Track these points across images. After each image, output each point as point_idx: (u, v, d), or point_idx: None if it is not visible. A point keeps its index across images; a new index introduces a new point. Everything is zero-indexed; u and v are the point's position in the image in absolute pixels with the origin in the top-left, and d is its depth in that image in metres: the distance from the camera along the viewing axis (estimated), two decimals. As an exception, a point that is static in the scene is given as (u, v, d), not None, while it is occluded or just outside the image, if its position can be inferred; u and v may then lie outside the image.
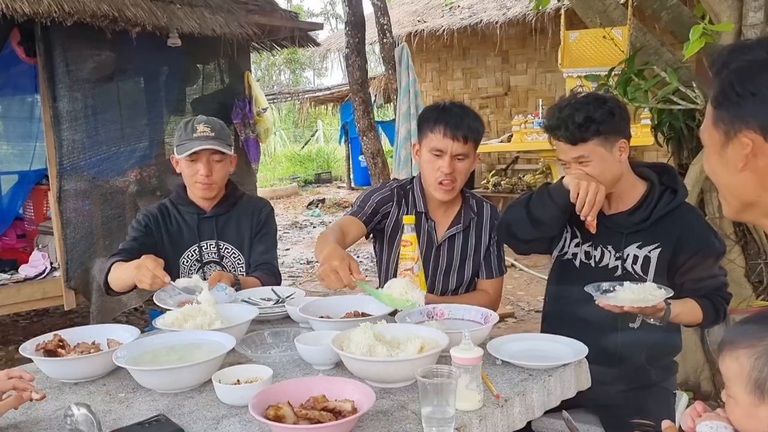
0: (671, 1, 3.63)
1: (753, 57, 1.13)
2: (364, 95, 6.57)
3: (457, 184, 2.39)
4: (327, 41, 11.60)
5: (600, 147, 2.06)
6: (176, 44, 4.90)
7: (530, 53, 8.87)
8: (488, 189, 8.86)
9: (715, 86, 1.19)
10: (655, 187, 2.14)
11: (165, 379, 1.65)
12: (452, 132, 2.32)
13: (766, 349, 1.16)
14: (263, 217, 2.75)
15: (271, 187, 15.16)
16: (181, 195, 2.69)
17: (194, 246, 2.64)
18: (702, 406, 1.34)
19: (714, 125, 1.20)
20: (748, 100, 1.12)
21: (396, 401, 1.56)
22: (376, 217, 2.47)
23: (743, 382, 1.18)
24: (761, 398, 1.16)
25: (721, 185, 1.25)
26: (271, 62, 25.92)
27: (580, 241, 2.23)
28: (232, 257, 2.67)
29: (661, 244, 2.09)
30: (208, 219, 2.66)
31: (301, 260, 7.96)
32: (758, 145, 1.13)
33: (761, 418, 1.17)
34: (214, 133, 2.56)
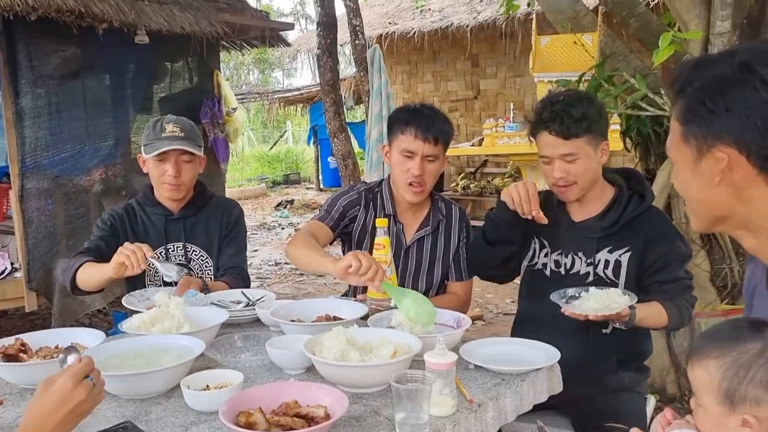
0: (640, 8, 3.68)
1: (721, 72, 1.14)
2: (335, 96, 6.54)
3: (427, 186, 2.39)
4: (297, 41, 11.54)
5: (587, 145, 2.08)
6: (144, 41, 4.81)
7: (500, 57, 8.93)
8: (457, 192, 8.89)
9: (683, 103, 1.20)
10: (623, 192, 2.17)
11: (131, 385, 1.60)
12: (423, 134, 2.32)
13: (735, 360, 1.17)
14: (233, 219, 2.70)
15: (240, 187, 15.03)
16: (148, 195, 2.63)
17: (160, 248, 2.58)
18: (671, 413, 1.35)
19: (684, 141, 1.20)
20: (722, 115, 1.13)
21: (369, 407, 1.55)
22: (344, 221, 2.45)
23: (713, 393, 1.19)
24: (731, 408, 1.17)
25: (694, 200, 1.25)
26: (240, 62, 25.72)
27: (549, 251, 2.24)
28: (199, 260, 2.62)
29: (631, 248, 2.11)
30: (175, 221, 2.61)
31: (270, 261, 7.89)
32: (734, 159, 1.14)
33: (731, 427, 1.18)
34: (183, 133, 2.51)
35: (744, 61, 1.13)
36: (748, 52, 1.15)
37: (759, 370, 1.14)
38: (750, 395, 1.15)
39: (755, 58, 1.12)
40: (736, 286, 3.39)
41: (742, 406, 1.16)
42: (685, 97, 1.20)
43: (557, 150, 2.08)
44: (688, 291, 2.12)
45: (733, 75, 1.12)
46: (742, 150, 1.13)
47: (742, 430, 1.16)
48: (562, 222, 2.22)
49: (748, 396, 1.15)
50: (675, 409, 1.36)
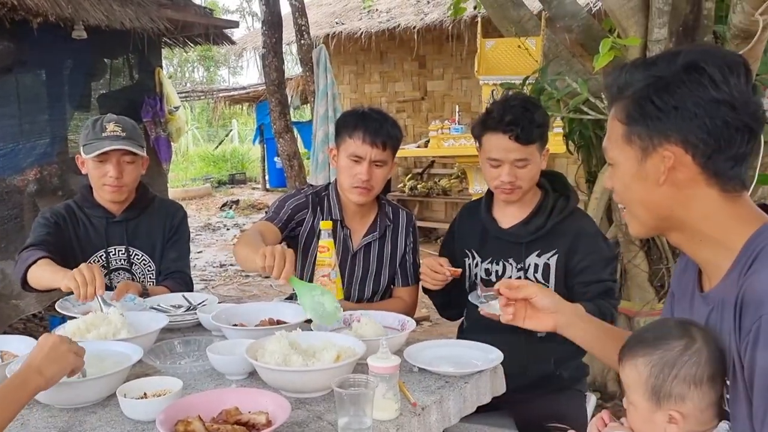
0: (582, 14, 3.76)
1: (667, 72, 1.15)
2: (280, 96, 6.47)
3: (374, 190, 2.37)
4: (243, 39, 11.38)
5: (537, 151, 2.11)
6: (81, 36, 4.66)
7: (447, 59, 9.00)
8: (404, 193, 8.92)
9: (626, 104, 1.20)
10: (549, 195, 2.20)
11: (64, 395, 1.54)
12: (371, 138, 2.29)
13: (661, 357, 1.20)
14: (176, 222, 2.63)
15: (183, 187, 14.72)
16: (87, 197, 2.53)
17: (101, 252, 2.50)
18: (608, 416, 1.38)
19: (627, 142, 1.21)
20: (670, 114, 1.14)
21: (312, 412, 1.53)
22: (291, 223, 2.41)
23: (641, 389, 1.23)
24: (657, 404, 1.21)
25: (636, 201, 1.25)
26: (184, 59, 25.25)
27: (479, 260, 2.26)
28: (142, 264, 2.55)
29: (558, 250, 2.15)
30: (117, 223, 2.53)
31: (214, 263, 7.76)
32: (679, 158, 1.15)
33: (657, 423, 1.22)
34: (125, 133, 2.42)
35: (691, 60, 1.14)
36: (692, 52, 1.16)
37: (683, 367, 1.18)
38: (675, 392, 1.19)
39: (702, 57, 1.14)
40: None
41: (667, 403, 1.19)
42: (626, 98, 1.20)
43: (511, 154, 2.08)
44: (610, 293, 2.13)
45: (680, 74, 1.14)
46: (688, 149, 1.14)
47: (668, 426, 1.20)
48: (490, 230, 2.24)
49: (673, 392, 1.19)
50: (612, 412, 1.39)
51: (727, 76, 1.11)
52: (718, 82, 1.11)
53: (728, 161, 1.14)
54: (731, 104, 1.11)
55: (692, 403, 1.19)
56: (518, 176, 2.11)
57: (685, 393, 1.19)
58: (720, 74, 1.11)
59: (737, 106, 1.12)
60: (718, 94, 1.11)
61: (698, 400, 1.19)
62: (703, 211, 1.18)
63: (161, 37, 5.45)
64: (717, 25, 2.99)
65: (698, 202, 1.18)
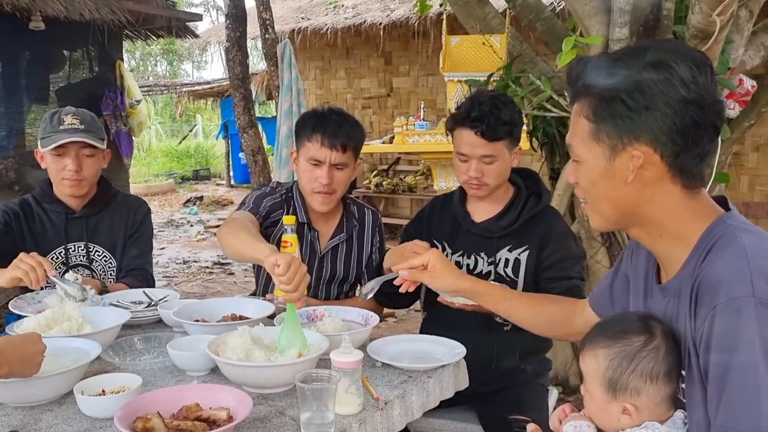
0: (545, 13, 3.80)
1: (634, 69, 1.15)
2: (245, 91, 6.41)
3: (336, 194, 2.31)
4: (207, 33, 11.24)
5: (506, 149, 2.12)
6: (39, 28, 4.56)
7: (413, 56, 9.01)
8: (370, 189, 8.92)
9: (592, 101, 1.20)
10: (521, 192, 2.22)
11: (18, 392, 1.50)
12: (330, 141, 2.23)
13: (620, 351, 1.23)
14: (139, 218, 2.59)
15: (146, 183, 14.49)
16: (46, 192, 2.47)
17: (60, 248, 2.44)
18: (570, 408, 1.40)
19: (594, 140, 1.21)
20: (641, 114, 1.15)
21: (274, 407, 1.52)
22: (267, 221, 2.35)
23: (599, 380, 1.25)
24: (613, 396, 1.24)
25: (600, 198, 1.26)
26: (146, 52, 24.83)
27: (449, 252, 2.26)
28: (102, 261, 2.50)
29: (529, 246, 2.17)
30: (77, 219, 2.47)
31: (177, 260, 7.65)
32: (648, 157, 1.17)
33: (612, 413, 1.25)
34: (83, 126, 2.37)
35: (659, 59, 1.14)
36: (660, 50, 1.17)
37: (641, 362, 1.21)
38: (631, 385, 1.22)
39: (671, 56, 1.14)
40: (632, 281, 3.55)
41: (623, 395, 1.23)
42: (593, 95, 1.20)
43: (478, 150, 2.09)
44: (576, 290, 2.13)
45: (649, 72, 1.14)
46: (657, 148, 1.16)
47: (622, 416, 1.24)
48: (463, 223, 2.25)
49: (629, 386, 1.22)
50: (573, 404, 1.41)
51: (696, 76, 1.13)
52: (688, 81, 1.12)
53: (694, 159, 1.17)
54: (699, 104, 1.13)
55: (647, 397, 1.22)
56: (485, 172, 2.12)
57: (640, 387, 1.22)
58: (689, 73, 1.13)
59: (705, 105, 1.13)
60: (688, 94, 1.12)
61: (653, 394, 1.22)
62: (666, 207, 1.20)
63: (122, 29, 5.36)
64: (677, 25, 3.04)
65: (662, 199, 1.20)
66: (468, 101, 2.14)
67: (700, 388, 1.15)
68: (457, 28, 4.61)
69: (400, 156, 9.08)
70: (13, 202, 2.48)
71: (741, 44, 3.16)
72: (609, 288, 1.51)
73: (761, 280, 1.07)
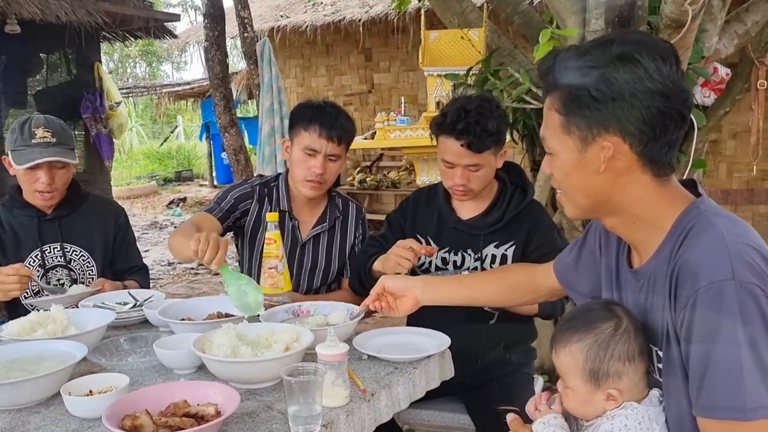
0: (523, 6, 3.83)
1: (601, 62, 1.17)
2: (225, 90, 6.38)
3: (327, 184, 2.38)
4: (185, 33, 11.18)
5: (492, 156, 2.12)
6: (15, 31, 4.53)
7: (393, 52, 9.03)
8: (354, 186, 8.93)
9: (561, 94, 1.23)
10: (506, 187, 2.24)
11: (5, 395, 1.50)
12: (327, 132, 2.29)
13: (594, 340, 1.27)
14: (122, 221, 2.64)
15: (128, 185, 14.39)
16: (16, 197, 2.46)
17: (36, 251, 2.43)
18: (546, 396, 1.43)
19: (565, 132, 1.24)
20: (608, 105, 1.17)
21: (262, 402, 1.53)
22: (234, 214, 2.39)
23: (579, 374, 1.29)
24: (596, 385, 1.28)
25: (574, 188, 1.29)
26: (125, 54, 24.63)
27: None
28: (81, 260, 2.49)
29: (515, 242, 2.19)
30: (49, 221, 2.46)
31: (162, 262, 7.62)
32: (618, 147, 1.19)
33: (596, 402, 1.29)
34: (55, 138, 2.34)
35: (625, 51, 1.17)
36: (625, 42, 1.19)
37: (616, 346, 1.25)
38: (612, 370, 1.26)
39: (636, 48, 1.17)
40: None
41: (606, 382, 1.27)
42: (562, 89, 1.23)
43: (463, 160, 2.09)
44: None
45: (615, 64, 1.16)
46: (626, 138, 1.18)
47: (607, 402, 1.27)
48: (449, 220, 2.26)
49: (610, 371, 1.26)
50: (551, 393, 1.44)
51: (660, 67, 1.15)
52: (652, 72, 1.15)
53: (663, 147, 1.19)
54: (665, 94, 1.16)
55: (627, 379, 1.26)
56: (470, 179, 2.13)
57: (621, 370, 1.25)
58: (654, 65, 1.15)
59: (670, 95, 1.16)
60: (653, 84, 1.15)
61: (633, 373, 1.26)
62: (638, 196, 1.23)
63: (99, 31, 5.32)
64: (651, 15, 3.08)
65: (633, 187, 1.23)
66: (454, 109, 2.09)
67: (680, 370, 1.18)
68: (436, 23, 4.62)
69: (383, 152, 9.10)
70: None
71: (714, 33, 3.20)
72: (574, 264, 1.57)
73: (740, 263, 1.10)
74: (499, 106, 2.18)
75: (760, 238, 1.17)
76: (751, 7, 3.31)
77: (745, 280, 1.09)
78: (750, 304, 1.08)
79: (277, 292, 2.04)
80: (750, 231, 1.17)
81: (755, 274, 1.10)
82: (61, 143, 2.36)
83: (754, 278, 1.09)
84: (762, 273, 1.10)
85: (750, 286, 1.09)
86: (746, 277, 1.09)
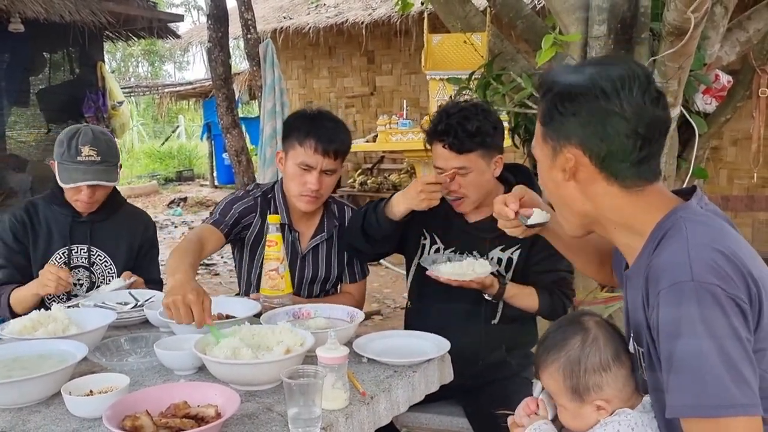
0: (526, 11, 3.83)
1: (573, 81, 1.27)
2: (227, 91, 6.39)
3: (323, 198, 2.34)
4: (188, 34, 11.19)
5: (480, 159, 2.11)
6: (19, 30, 4.54)
7: (395, 54, 9.04)
8: (354, 188, 8.93)
9: (543, 106, 1.33)
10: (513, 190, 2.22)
11: (6, 394, 1.51)
12: (324, 148, 2.21)
13: (567, 358, 1.31)
14: (150, 234, 2.68)
15: (129, 185, 14.38)
16: (57, 195, 2.48)
17: (64, 249, 2.46)
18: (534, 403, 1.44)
19: (543, 141, 1.33)
20: (570, 119, 1.26)
21: (262, 404, 1.54)
22: (237, 228, 2.35)
23: (563, 393, 1.33)
24: (581, 400, 1.31)
25: (555, 197, 1.37)
26: (127, 53, 24.65)
27: (441, 247, 2.26)
28: (103, 265, 2.51)
29: (521, 245, 2.19)
30: (82, 223, 2.49)
31: (162, 261, 7.60)
32: (579, 159, 1.27)
33: (585, 415, 1.32)
34: (100, 157, 2.35)
35: (590, 72, 1.26)
36: (594, 65, 1.30)
37: (587, 359, 1.29)
38: (591, 383, 1.29)
39: (598, 71, 1.25)
40: (614, 275, 3.60)
41: (588, 395, 1.30)
42: (545, 101, 1.32)
43: (450, 163, 2.10)
44: (563, 282, 2.20)
45: (580, 86, 1.25)
46: (585, 151, 1.26)
47: (597, 413, 1.30)
48: (456, 222, 2.25)
49: (589, 384, 1.29)
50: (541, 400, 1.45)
51: (618, 90, 1.22)
52: (609, 94, 1.22)
53: (622, 164, 1.24)
54: (621, 115, 1.22)
55: (609, 387, 1.29)
56: (462, 184, 2.12)
57: (599, 380, 1.29)
58: (611, 87, 1.22)
59: (627, 117, 1.22)
60: (608, 105, 1.22)
61: (613, 381, 1.29)
62: (608, 205, 1.29)
63: (103, 30, 5.34)
64: (653, 22, 3.09)
65: (603, 198, 1.28)
66: (437, 114, 2.14)
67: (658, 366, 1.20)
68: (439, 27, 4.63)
69: (384, 155, 9.10)
70: (20, 208, 2.51)
71: (717, 40, 3.21)
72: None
73: (699, 264, 1.13)
74: (488, 110, 2.17)
75: (737, 243, 1.19)
76: (754, 14, 3.31)
77: (704, 281, 1.11)
78: (709, 303, 1.10)
79: (278, 294, 2.05)
80: (723, 236, 1.19)
81: (717, 275, 1.12)
82: (105, 161, 2.38)
83: (715, 279, 1.11)
84: (725, 275, 1.12)
85: (710, 287, 1.11)
86: (706, 278, 1.11)
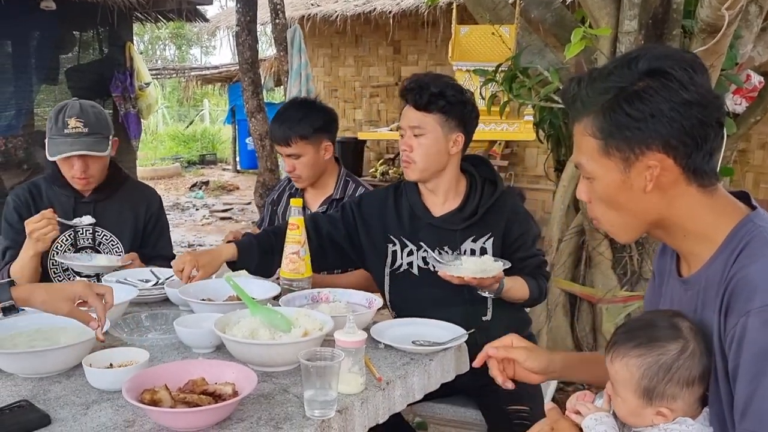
0: (555, 4, 3.80)
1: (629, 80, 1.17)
2: (254, 75, 6.40)
3: (303, 178, 2.59)
4: (216, 17, 11.22)
5: (439, 126, 2.10)
6: (50, 8, 4.58)
7: (422, 45, 8.99)
8: (376, 178, 8.92)
9: (595, 118, 1.21)
10: (476, 181, 2.19)
11: (28, 363, 1.54)
12: (277, 140, 2.57)
13: (656, 360, 1.22)
14: (155, 209, 2.65)
15: (152, 166, 14.51)
16: (57, 175, 2.47)
17: (69, 230, 2.46)
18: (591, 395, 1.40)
19: (604, 156, 1.22)
20: (648, 122, 1.16)
21: (278, 384, 1.55)
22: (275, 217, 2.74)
23: (632, 388, 1.24)
24: (648, 402, 1.24)
25: (625, 212, 1.26)
26: (155, 35, 24.81)
27: (413, 249, 2.20)
28: (110, 244, 2.52)
29: (493, 233, 2.16)
30: (85, 203, 2.49)
31: (183, 243, 7.70)
32: (662, 163, 1.18)
33: (646, 416, 1.25)
34: (87, 128, 2.33)
35: (654, 66, 1.16)
36: (652, 57, 1.18)
37: (678, 370, 1.21)
38: (668, 392, 1.22)
39: (665, 62, 1.16)
40: (635, 273, 3.57)
41: (659, 402, 1.23)
42: (594, 113, 1.21)
43: (409, 121, 2.12)
44: (543, 265, 2.24)
45: (646, 80, 1.16)
46: (669, 153, 1.17)
47: (656, 418, 1.24)
48: (421, 218, 2.20)
49: (666, 393, 1.22)
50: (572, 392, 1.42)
51: (693, 77, 1.15)
52: (686, 83, 1.14)
53: (705, 156, 1.18)
54: (701, 103, 1.15)
55: (683, 401, 1.22)
56: (413, 147, 2.11)
57: (677, 393, 1.21)
58: (687, 76, 1.15)
59: (705, 104, 1.16)
60: (688, 95, 1.14)
61: (689, 396, 1.22)
62: (686, 209, 1.22)
63: (132, 11, 5.37)
64: (685, 19, 3.04)
65: (681, 201, 1.21)
66: (410, 77, 2.19)
67: (724, 384, 1.16)
68: (467, 18, 4.61)
69: (406, 145, 9.07)
70: (22, 188, 2.50)
71: (750, 40, 3.16)
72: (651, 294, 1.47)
73: None
74: (462, 89, 2.18)
75: None
76: (790, 15, 3.25)
77: None
78: None
79: (298, 277, 2.05)
80: None
81: None
82: (93, 133, 2.35)
83: None
84: None
85: None
86: None
